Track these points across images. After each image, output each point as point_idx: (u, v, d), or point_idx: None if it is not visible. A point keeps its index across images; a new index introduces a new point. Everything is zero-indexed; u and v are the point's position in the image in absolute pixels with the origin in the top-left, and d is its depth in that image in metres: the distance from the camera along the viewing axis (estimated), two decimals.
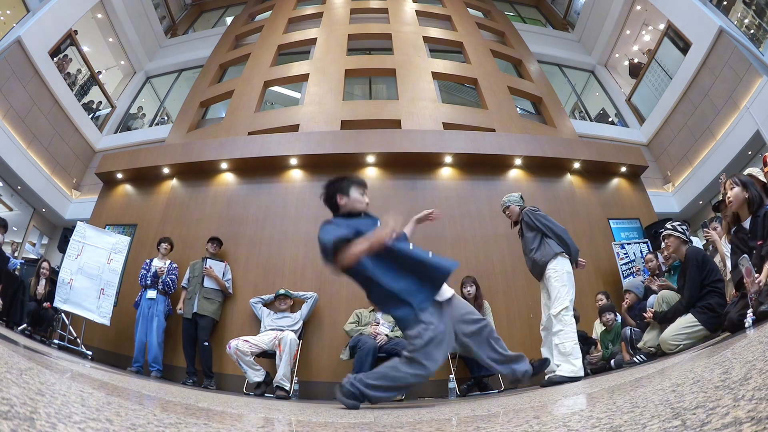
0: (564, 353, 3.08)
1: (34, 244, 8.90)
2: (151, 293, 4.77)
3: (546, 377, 3.14)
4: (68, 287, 4.75)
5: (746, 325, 2.25)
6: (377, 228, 2.19)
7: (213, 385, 4.38)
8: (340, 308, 4.78)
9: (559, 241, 3.31)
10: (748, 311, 2.25)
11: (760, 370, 0.82)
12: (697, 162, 8.26)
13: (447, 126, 7.08)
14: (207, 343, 4.53)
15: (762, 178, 2.85)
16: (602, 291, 4.80)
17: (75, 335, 4.74)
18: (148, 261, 4.96)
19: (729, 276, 3.14)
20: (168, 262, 4.99)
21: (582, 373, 3.05)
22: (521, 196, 3.72)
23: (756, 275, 2.33)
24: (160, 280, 4.82)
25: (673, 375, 1.35)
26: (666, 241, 3.36)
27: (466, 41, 9.63)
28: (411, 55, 8.84)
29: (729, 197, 2.66)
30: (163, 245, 5.03)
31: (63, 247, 5.88)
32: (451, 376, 4.06)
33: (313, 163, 5.91)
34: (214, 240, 5.03)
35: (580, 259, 3.40)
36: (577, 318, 4.46)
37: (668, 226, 3.38)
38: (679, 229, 3.31)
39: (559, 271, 3.24)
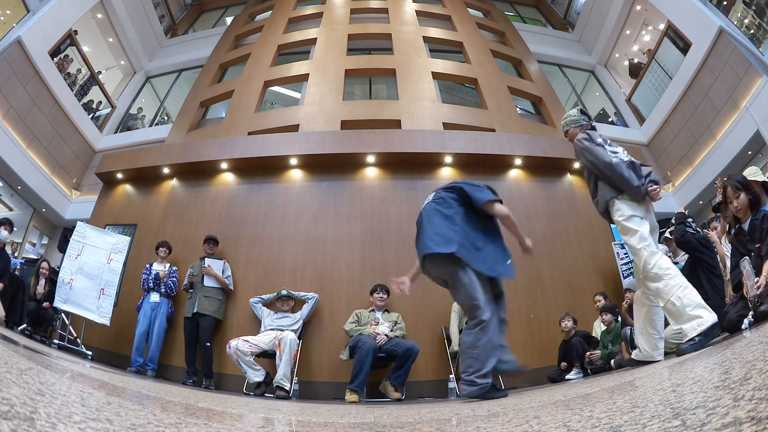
0: (679, 308, 2.28)
1: (34, 244, 8.90)
2: (155, 296, 4.79)
3: (675, 348, 2.47)
4: (68, 287, 4.75)
5: (743, 326, 2.25)
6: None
7: (212, 386, 4.38)
8: (340, 308, 4.78)
9: (610, 180, 2.57)
10: (749, 314, 2.25)
11: (760, 370, 0.82)
12: (697, 162, 8.26)
13: (447, 126, 7.08)
14: (209, 344, 4.53)
15: (759, 178, 2.85)
16: (600, 292, 4.80)
17: (75, 335, 4.74)
18: (148, 266, 4.97)
19: (728, 276, 3.14)
20: (168, 265, 5.01)
21: (714, 317, 2.21)
22: (580, 111, 2.91)
23: (755, 279, 2.33)
24: (162, 284, 4.84)
25: (673, 375, 1.35)
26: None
27: (466, 41, 9.63)
28: (411, 55, 8.84)
29: (737, 206, 2.65)
30: (162, 249, 5.04)
31: (63, 247, 5.88)
32: (451, 376, 4.06)
33: (313, 163, 5.91)
34: (209, 240, 5.02)
35: (651, 188, 2.48)
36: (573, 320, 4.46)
37: (673, 222, 3.45)
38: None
39: (618, 220, 2.56)
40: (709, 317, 2.20)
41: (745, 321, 2.24)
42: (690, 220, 3.47)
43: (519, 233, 2.71)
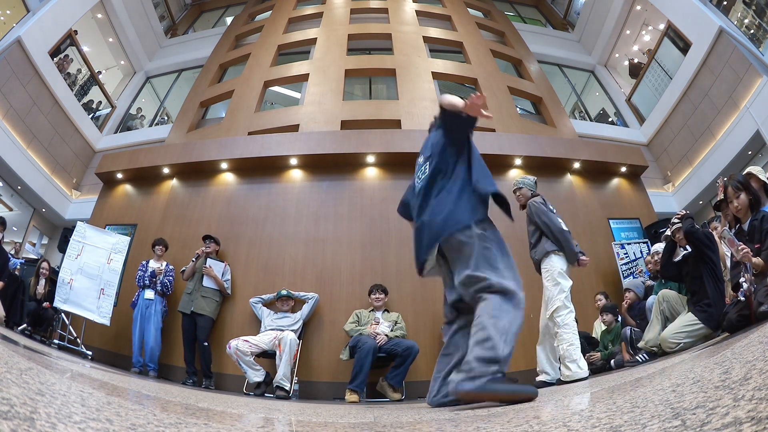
0: (561, 357, 3.06)
1: (34, 244, 8.90)
2: (149, 293, 4.78)
3: (540, 380, 3.23)
4: (68, 287, 4.75)
5: (742, 288, 2.31)
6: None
7: (212, 385, 4.38)
8: (340, 308, 4.78)
9: (555, 240, 3.21)
10: (744, 274, 2.31)
11: (760, 370, 0.82)
12: (697, 162, 8.26)
13: None
14: (207, 344, 4.53)
15: (761, 177, 2.85)
16: (601, 291, 4.80)
17: (75, 335, 4.74)
18: (144, 263, 4.97)
19: (728, 276, 3.14)
20: (164, 263, 5.00)
21: (583, 374, 2.98)
22: (535, 182, 3.62)
23: (740, 244, 2.38)
24: (158, 281, 4.83)
25: (673, 375, 1.35)
26: (678, 234, 3.38)
27: (466, 41, 9.63)
28: (411, 55, 8.84)
29: (737, 206, 2.66)
30: (158, 247, 5.03)
31: (63, 247, 5.88)
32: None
33: (313, 163, 5.91)
34: (208, 238, 4.99)
35: (582, 257, 3.27)
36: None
37: (674, 220, 3.44)
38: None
39: (551, 270, 3.18)
40: (579, 373, 2.94)
41: (744, 283, 2.31)
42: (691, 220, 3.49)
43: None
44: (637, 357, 3.40)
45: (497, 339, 1.70)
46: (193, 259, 4.81)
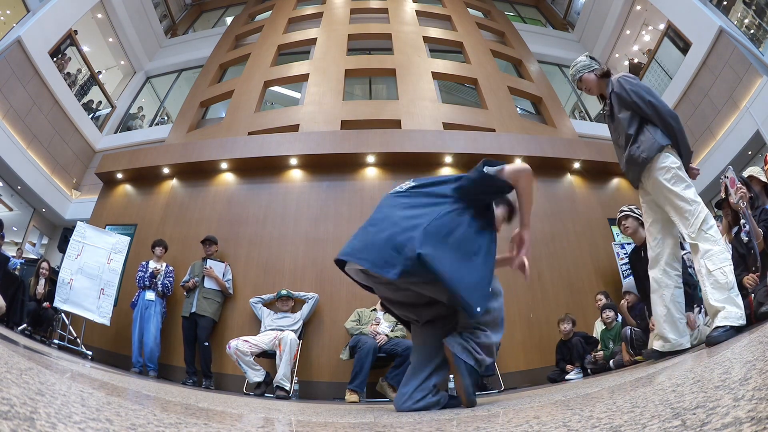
0: (725, 285, 1.98)
1: (34, 244, 8.90)
2: (150, 295, 4.78)
3: (709, 336, 1.98)
4: (68, 287, 4.75)
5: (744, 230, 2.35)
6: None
7: (212, 385, 4.38)
8: (340, 308, 4.78)
9: (667, 128, 2.23)
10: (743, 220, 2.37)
11: (760, 370, 0.82)
12: (696, 162, 8.26)
13: (447, 126, 7.08)
14: (207, 344, 4.53)
15: (762, 178, 2.86)
16: (602, 291, 4.80)
17: (75, 335, 4.74)
18: (144, 263, 4.97)
19: None
20: (164, 264, 5.00)
21: (744, 320, 1.97)
22: (590, 57, 2.62)
23: (739, 185, 2.39)
24: (159, 282, 4.83)
25: (673, 375, 1.36)
26: (624, 222, 3.18)
27: (466, 41, 9.64)
28: (411, 55, 8.84)
29: (739, 189, 2.67)
30: (158, 249, 5.01)
31: (63, 247, 5.89)
32: (450, 376, 4.05)
33: (313, 163, 5.91)
34: (207, 241, 4.97)
35: (692, 166, 2.31)
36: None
37: (624, 208, 3.21)
38: (636, 212, 3.15)
39: (672, 168, 2.17)
40: (743, 315, 1.96)
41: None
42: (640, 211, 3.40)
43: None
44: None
45: None
46: (194, 279, 4.76)
